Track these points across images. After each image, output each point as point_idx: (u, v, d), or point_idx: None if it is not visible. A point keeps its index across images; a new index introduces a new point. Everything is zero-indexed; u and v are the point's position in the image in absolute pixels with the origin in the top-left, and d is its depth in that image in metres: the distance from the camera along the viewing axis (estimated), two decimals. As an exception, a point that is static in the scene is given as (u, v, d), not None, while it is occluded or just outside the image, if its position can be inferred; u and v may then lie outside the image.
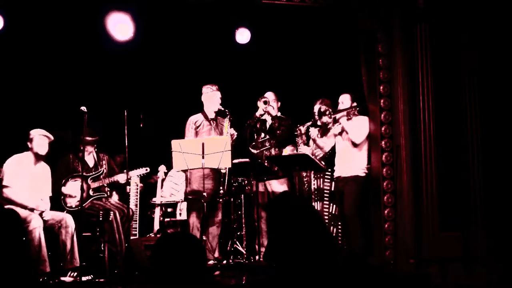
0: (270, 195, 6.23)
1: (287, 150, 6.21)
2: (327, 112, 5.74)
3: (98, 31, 6.21)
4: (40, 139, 5.50)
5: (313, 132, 5.91)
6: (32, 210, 5.32)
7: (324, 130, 5.97)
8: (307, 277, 2.57)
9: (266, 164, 6.07)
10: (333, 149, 5.97)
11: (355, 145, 5.70)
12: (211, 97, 6.16)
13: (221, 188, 6.07)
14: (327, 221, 5.90)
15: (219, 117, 6.25)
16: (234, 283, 4.95)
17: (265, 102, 6.19)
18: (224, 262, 5.83)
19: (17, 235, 5.02)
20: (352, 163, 5.71)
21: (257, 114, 6.26)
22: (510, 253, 5.32)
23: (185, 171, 6.10)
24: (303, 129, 6.03)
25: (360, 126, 5.72)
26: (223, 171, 6.02)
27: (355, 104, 5.82)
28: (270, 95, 6.36)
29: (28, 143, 5.51)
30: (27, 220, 5.14)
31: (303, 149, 5.97)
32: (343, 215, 5.78)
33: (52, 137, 5.58)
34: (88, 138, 5.86)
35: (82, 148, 5.61)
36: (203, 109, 6.23)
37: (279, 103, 6.41)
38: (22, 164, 5.49)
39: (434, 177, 5.41)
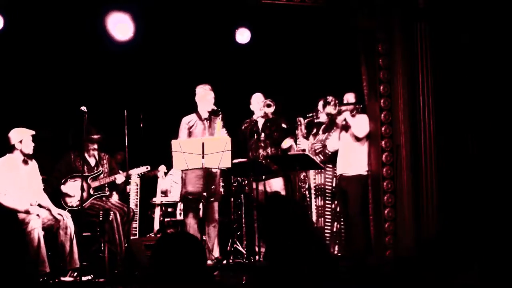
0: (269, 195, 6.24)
1: (287, 142, 6.21)
2: (333, 103, 5.75)
3: (98, 31, 6.21)
4: (29, 139, 5.39)
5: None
6: (25, 212, 5.25)
7: (330, 123, 5.96)
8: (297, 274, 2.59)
9: (264, 163, 6.08)
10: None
11: (357, 139, 5.72)
12: (204, 96, 6.17)
13: (213, 187, 6.09)
14: (329, 218, 5.89)
15: (213, 116, 6.25)
16: (234, 283, 4.95)
17: (269, 105, 6.20)
18: (224, 262, 5.84)
19: (16, 236, 5.04)
20: (354, 161, 5.72)
21: (255, 117, 6.29)
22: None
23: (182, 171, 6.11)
24: (303, 120, 6.04)
25: (362, 122, 5.76)
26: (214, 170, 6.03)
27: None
28: (259, 97, 6.36)
29: (16, 145, 5.35)
30: (25, 221, 5.12)
31: (302, 142, 5.98)
32: (346, 214, 5.78)
33: (33, 132, 5.43)
34: (93, 137, 5.86)
35: (85, 147, 5.60)
36: (197, 109, 6.24)
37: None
38: (9, 167, 5.35)
39: (434, 177, 5.41)
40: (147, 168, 6.15)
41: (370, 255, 5.60)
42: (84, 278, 5.13)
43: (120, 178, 5.95)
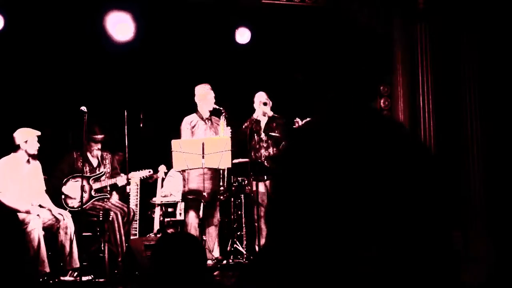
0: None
1: None
2: None
3: (98, 31, 6.21)
4: (34, 140, 5.39)
5: None
6: (26, 213, 5.24)
7: None
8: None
9: (265, 163, 6.08)
10: None
11: None
12: (205, 96, 6.16)
13: (221, 186, 6.08)
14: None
15: (213, 116, 6.25)
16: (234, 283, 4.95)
17: (265, 104, 6.21)
18: (224, 262, 5.83)
19: (16, 236, 5.03)
20: None
21: (255, 116, 6.31)
22: (509, 253, 5.32)
23: (182, 171, 6.09)
24: (300, 122, 6.04)
25: None
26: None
27: None
28: (262, 95, 6.37)
29: (21, 145, 5.36)
30: (25, 221, 5.12)
31: None
32: None
33: (39, 133, 5.45)
34: (96, 137, 5.86)
35: (88, 146, 5.58)
36: (197, 109, 6.23)
37: (271, 102, 6.40)
38: (12, 167, 5.36)
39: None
40: (149, 171, 6.14)
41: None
42: (84, 278, 5.13)
43: (121, 181, 5.94)
